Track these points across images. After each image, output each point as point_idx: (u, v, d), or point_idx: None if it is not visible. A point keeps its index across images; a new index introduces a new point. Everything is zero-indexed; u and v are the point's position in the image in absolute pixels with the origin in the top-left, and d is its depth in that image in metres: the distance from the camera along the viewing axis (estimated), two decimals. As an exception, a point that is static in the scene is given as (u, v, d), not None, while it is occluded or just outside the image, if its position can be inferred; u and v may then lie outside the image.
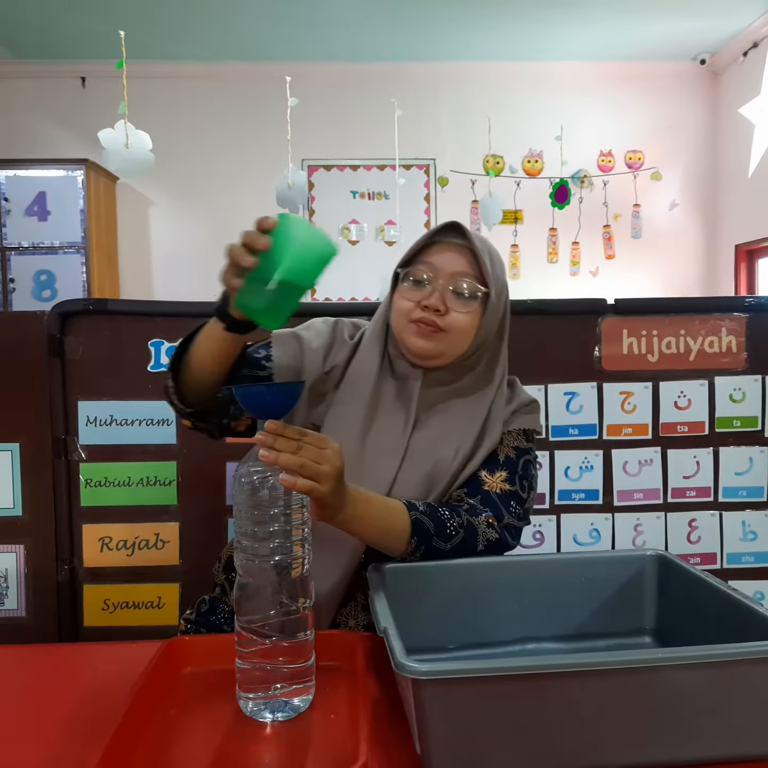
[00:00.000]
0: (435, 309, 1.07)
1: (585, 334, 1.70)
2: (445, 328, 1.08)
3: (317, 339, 1.17)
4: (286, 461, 0.79)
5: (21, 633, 1.63)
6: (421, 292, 1.09)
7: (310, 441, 0.83)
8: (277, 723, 0.79)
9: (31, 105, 4.83)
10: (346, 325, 1.22)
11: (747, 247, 4.72)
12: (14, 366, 1.61)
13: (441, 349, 1.10)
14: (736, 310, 1.71)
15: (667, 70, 4.99)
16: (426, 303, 1.07)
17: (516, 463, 1.14)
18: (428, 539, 1.00)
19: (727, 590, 0.86)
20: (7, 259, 4.28)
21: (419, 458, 1.11)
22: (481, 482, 1.11)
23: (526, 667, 0.69)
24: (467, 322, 1.09)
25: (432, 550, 1.00)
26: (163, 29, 4.33)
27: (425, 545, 1.00)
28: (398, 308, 1.11)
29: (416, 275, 1.10)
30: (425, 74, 4.92)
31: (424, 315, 1.08)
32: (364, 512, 0.95)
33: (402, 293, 1.11)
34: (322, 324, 1.21)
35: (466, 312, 1.09)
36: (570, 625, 0.99)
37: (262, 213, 0.83)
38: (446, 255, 1.10)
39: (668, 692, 0.69)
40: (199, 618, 1.22)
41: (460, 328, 1.09)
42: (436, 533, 1.00)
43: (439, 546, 1.01)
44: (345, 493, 0.90)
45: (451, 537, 1.01)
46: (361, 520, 0.95)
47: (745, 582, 1.72)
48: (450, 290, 1.08)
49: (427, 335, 1.08)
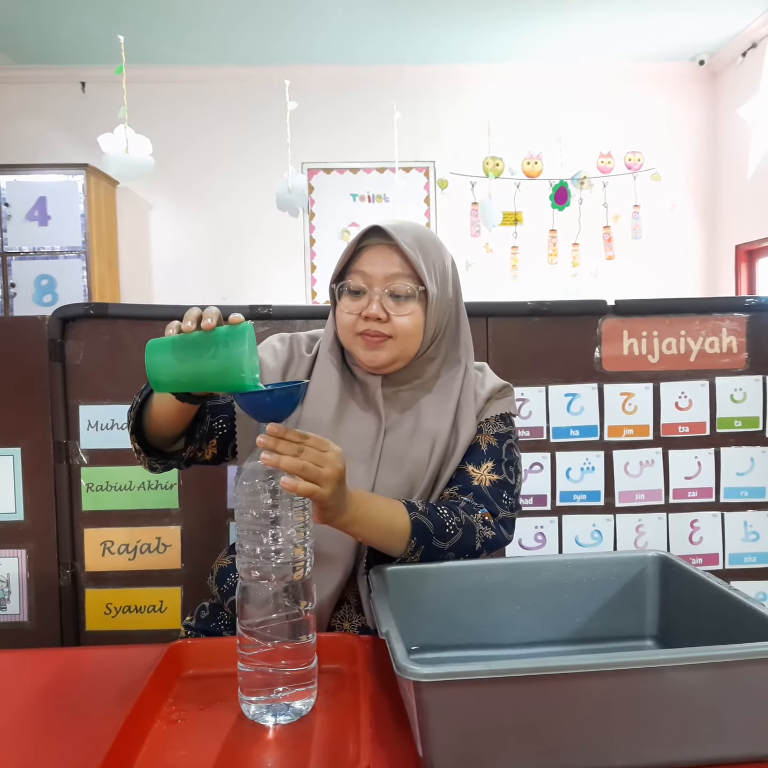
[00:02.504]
0: (376, 318, 1.07)
1: (585, 335, 1.70)
2: (391, 334, 1.08)
3: (274, 360, 1.17)
4: (288, 464, 0.79)
5: (23, 637, 1.63)
6: (360, 302, 1.09)
7: (312, 444, 0.83)
8: (280, 726, 0.79)
9: (31, 110, 4.84)
10: (302, 340, 1.23)
11: (747, 247, 4.72)
12: (15, 371, 1.62)
13: (392, 356, 1.10)
14: (737, 311, 1.71)
15: (666, 71, 5.00)
16: (366, 314, 1.07)
17: (499, 450, 1.15)
18: (428, 539, 1.00)
19: (729, 591, 0.86)
20: (8, 264, 4.29)
21: (395, 460, 1.11)
22: (469, 478, 1.12)
23: (527, 669, 0.68)
24: (412, 323, 1.09)
25: (431, 550, 1.00)
26: (163, 34, 4.33)
27: (425, 545, 1.00)
28: (341, 322, 1.11)
29: (351, 287, 1.10)
30: (424, 77, 4.93)
31: (368, 327, 1.08)
32: (366, 513, 0.95)
33: (342, 307, 1.11)
34: (277, 342, 1.21)
35: (408, 314, 1.08)
36: (572, 626, 0.99)
37: (262, 217, 0.83)
38: (376, 259, 1.08)
39: (670, 693, 0.69)
40: (199, 624, 1.22)
41: (405, 331, 1.08)
42: (436, 533, 1.00)
43: (438, 546, 1.01)
44: (346, 495, 0.90)
45: (450, 536, 1.02)
46: (363, 522, 0.95)
47: (747, 582, 1.72)
48: (387, 294, 1.08)
49: (375, 346, 1.09)
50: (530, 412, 1.70)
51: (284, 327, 1.61)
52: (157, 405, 1.00)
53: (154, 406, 1.01)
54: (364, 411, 1.13)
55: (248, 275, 4.91)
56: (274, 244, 4.87)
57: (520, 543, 1.71)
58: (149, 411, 1.03)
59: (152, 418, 1.03)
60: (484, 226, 4.35)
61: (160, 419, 1.02)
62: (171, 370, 0.82)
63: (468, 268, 4.99)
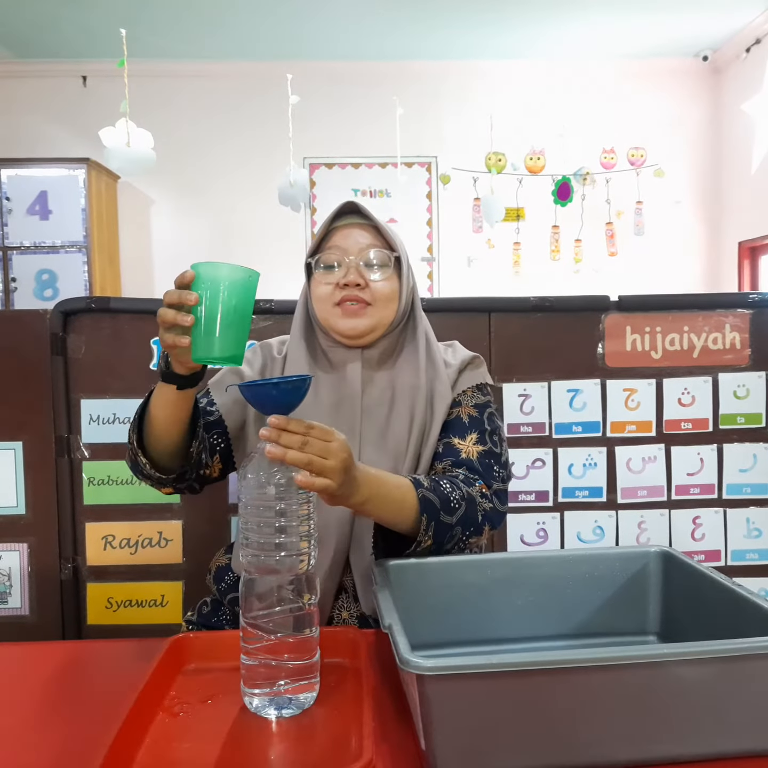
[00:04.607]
0: (355, 284, 1.11)
1: (588, 330, 1.69)
2: (370, 300, 1.12)
3: (250, 368, 1.21)
4: (293, 458, 0.79)
5: (24, 631, 1.63)
6: (336, 274, 1.13)
7: (316, 435, 0.83)
8: (282, 719, 0.79)
9: (32, 104, 4.83)
10: (273, 345, 1.26)
11: (750, 244, 4.71)
12: (17, 364, 1.61)
13: (371, 323, 1.13)
14: (740, 307, 1.71)
15: (670, 67, 4.98)
16: (345, 281, 1.11)
17: (481, 420, 1.16)
18: (436, 515, 0.99)
19: (732, 586, 0.85)
20: (9, 259, 4.29)
21: (378, 439, 1.12)
22: (457, 451, 1.12)
23: (530, 662, 0.68)
24: (389, 287, 1.13)
25: (441, 526, 1.00)
26: (165, 28, 4.32)
27: (434, 521, 0.99)
28: (318, 295, 1.14)
29: (327, 260, 1.13)
30: (427, 72, 4.92)
31: (346, 293, 1.11)
32: (377, 493, 0.95)
33: (318, 281, 1.14)
34: (249, 354, 1.23)
35: (384, 279, 1.13)
36: (574, 621, 0.99)
37: (263, 211, 0.83)
38: (349, 235, 1.14)
39: (674, 688, 0.69)
40: (200, 619, 1.22)
41: (384, 295, 1.13)
42: (442, 508, 1.00)
43: (446, 520, 1.00)
44: (355, 480, 0.90)
45: (455, 510, 1.02)
46: (375, 502, 0.95)
47: (750, 579, 1.71)
48: (363, 264, 1.12)
49: (354, 313, 1.12)
50: (532, 407, 1.69)
51: (286, 321, 1.61)
52: (160, 410, 1.00)
53: (156, 414, 1.00)
54: (341, 394, 1.14)
55: (250, 270, 4.88)
56: (276, 238, 4.86)
57: (521, 539, 1.71)
58: (149, 418, 1.02)
59: (152, 422, 1.01)
60: (487, 222, 4.34)
61: (165, 420, 1.01)
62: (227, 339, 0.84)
63: (470, 264, 4.98)
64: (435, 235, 5.02)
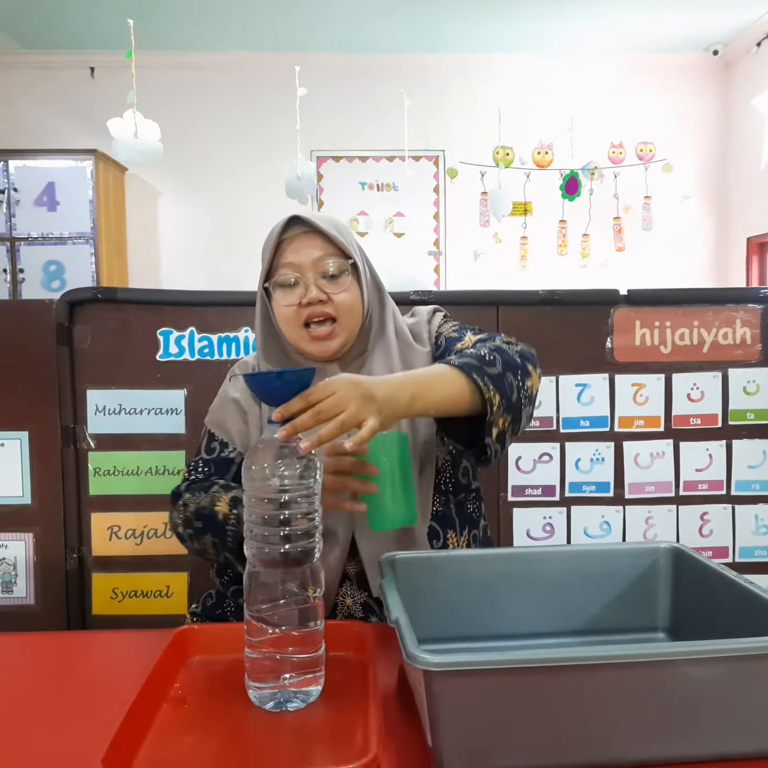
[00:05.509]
0: (318, 301, 1.09)
1: (597, 325, 1.68)
2: (335, 313, 1.10)
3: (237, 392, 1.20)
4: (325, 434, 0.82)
5: (29, 621, 1.63)
6: (296, 292, 1.10)
7: (318, 398, 0.83)
8: (287, 713, 0.78)
9: (40, 95, 4.83)
10: (248, 363, 1.25)
11: (759, 239, 4.68)
12: (23, 355, 1.61)
13: (341, 341, 1.12)
14: (751, 302, 1.69)
15: (680, 61, 4.94)
16: (307, 300, 1.09)
17: (465, 327, 1.19)
18: (482, 371, 0.97)
19: (743, 583, 0.84)
20: (17, 250, 4.29)
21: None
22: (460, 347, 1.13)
23: (539, 659, 0.67)
24: (351, 297, 1.12)
25: (493, 378, 0.97)
26: (172, 19, 4.31)
27: (485, 375, 0.97)
28: (283, 318, 1.13)
29: (284, 281, 1.11)
30: (435, 65, 4.89)
31: (310, 311, 1.09)
32: (413, 381, 0.95)
33: (280, 302, 1.12)
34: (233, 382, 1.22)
35: (345, 290, 1.11)
36: (582, 618, 0.98)
37: (270, 204, 0.83)
38: (300, 248, 1.10)
39: (683, 687, 0.68)
40: (205, 611, 1.22)
41: (347, 306, 1.11)
42: (483, 364, 0.99)
43: (493, 372, 0.98)
44: (385, 393, 0.89)
45: (494, 362, 1.00)
46: (419, 391, 0.94)
47: (758, 576, 1.69)
48: (321, 277, 1.10)
49: (323, 338, 1.11)
50: (540, 401, 1.66)
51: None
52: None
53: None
54: None
55: (256, 262, 4.82)
56: (283, 232, 4.85)
57: (528, 533, 1.70)
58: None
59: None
60: (494, 216, 4.32)
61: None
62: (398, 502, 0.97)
63: (477, 258, 4.96)
64: (442, 229, 5.00)
